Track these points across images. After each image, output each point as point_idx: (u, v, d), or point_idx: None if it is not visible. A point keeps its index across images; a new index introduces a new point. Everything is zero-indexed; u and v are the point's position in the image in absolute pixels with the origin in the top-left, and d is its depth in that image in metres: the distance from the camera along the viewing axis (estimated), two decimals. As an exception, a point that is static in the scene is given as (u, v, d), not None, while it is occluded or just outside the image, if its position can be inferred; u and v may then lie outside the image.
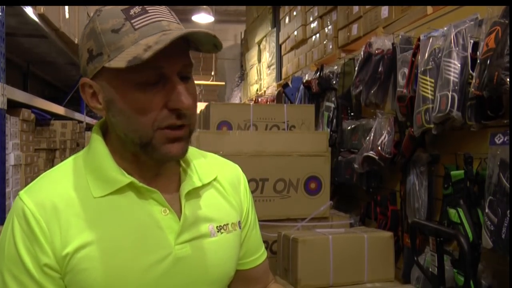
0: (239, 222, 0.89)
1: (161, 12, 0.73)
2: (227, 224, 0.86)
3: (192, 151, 0.89)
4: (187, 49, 0.75)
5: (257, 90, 6.56)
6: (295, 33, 4.56)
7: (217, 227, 0.84)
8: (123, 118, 0.75)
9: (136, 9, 0.72)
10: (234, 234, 0.87)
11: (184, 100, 0.72)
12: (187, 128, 0.76)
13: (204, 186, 0.85)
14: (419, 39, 2.02)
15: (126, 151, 0.79)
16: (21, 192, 0.76)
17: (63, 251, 0.72)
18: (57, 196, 0.75)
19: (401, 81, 2.18)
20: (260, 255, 0.98)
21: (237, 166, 0.97)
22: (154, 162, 0.80)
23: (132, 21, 0.71)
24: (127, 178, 0.77)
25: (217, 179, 0.89)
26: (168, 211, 0.79)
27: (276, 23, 5.67)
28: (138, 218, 0.77)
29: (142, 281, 0.75)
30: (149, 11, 0.72)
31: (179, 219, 0.79)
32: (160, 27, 0.71)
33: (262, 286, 1.00)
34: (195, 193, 0.84)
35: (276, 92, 4.87)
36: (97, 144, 0.80)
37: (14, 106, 2.17)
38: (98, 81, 0.75)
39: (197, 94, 0.79)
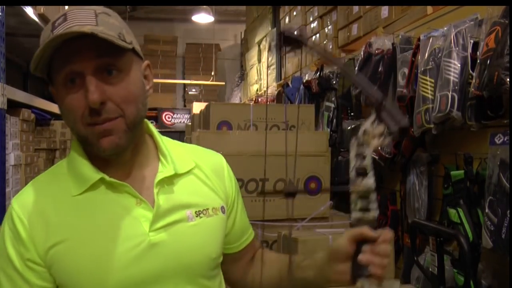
0: (222, 207, 0.92)
1: (79, 18, 0.77)
2: (207, 209, 0.89)
3: (171, 143, 0.94)
4: (110, 44, 0.76)
5: (257, 90, 6.55)
6: (295, 33, 4.56)
7: (195, 212, 0.87)
8: (64, 117, 0.82)
9: (60, 19, 0.77)
10: (215, 218, 0.90)
11: (89, 96, 0.75)
12: (119, 121, 0.79)
13: (181, 174, 0.89)
14: (419, 39, 2.02)
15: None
16: (13, 199, 0.85)
17: (45, 246, 0.80)
18: (40, 198, 0.83)
19: (401, 81, 2.18)
20: (248, 236, 1.02)
21: (220, 155, 1.00)
22: (118, 157, 0.84)
23: (53, 31, 0.76)
24: (98, 175, 0.83)
25: (197, 166, 0.92)
26: (141, 201, 0.83)
27: (276, 23, 5.67)
28: (112, 211, 0.82)
29: (117, 265, 0.80)
30: (68, 18, 0.77)
31: (153, 208, 0.83)
32: (65, 31, 0.75)
33: (251, 255, 1.03)
34: (170, 181, 0.87)
35: (276, 92, 4.88)
36: (74, 147, 0.87)
37: (14, 106, 2.17)
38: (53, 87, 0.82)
39: (135, 84, 0.81)
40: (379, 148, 2.27)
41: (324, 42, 3.80)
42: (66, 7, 2.84)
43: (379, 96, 0.69)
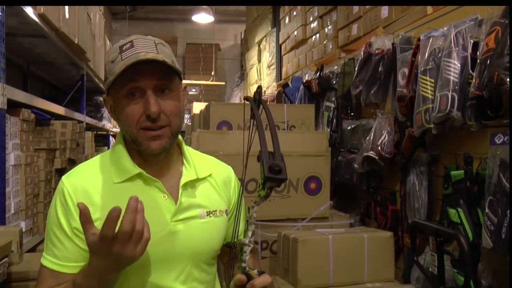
0: (226, 210, 1.14)
1: (144, 45, 1.00)
2: (216, 211, 1.11)
3: (194, 152, 1.18)
4: (165, 69, 0.99)
5: (257, 90, 6.55)
6: (295, 33, 4.56)
7: (207, 212, 1.09)
8: (120, 121, 1.04)
9: (127, 45, 1.00)
10: (221, 219, 1.11)
11: (151, 107, 0.98)
12: (167, 129, 1.02)
13: (200, 179, 1.11)
14: (419, 39, 2.02)
15: (135, 150, 1.06)
16: (63, 177, 1.06)
17: None
18: (87, 181, 1.04)
19: (401, 81, 2.18)
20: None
21: (230, 168, 1.22)
22: (154, 158, 1.06)
23: (122, 54, 0.99)
24: (137, 169, 1.04)
25: (212, 176, 1.15)
26: (166, 196, 1.05)
27: (276, 23, 5.67)
28: (143, 199, 0.96)
29: None
30: (135, 45, 0.99)
31: (176, 203, 1.04)
32: (137, 56, 0.97)
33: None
34: (192, 184, 1.09)
35: (276, 92, 4.88)
36: (119, 145, 1.09)
37: (14, 106, 2.17)
38: (109, 96, 1.05)
39: (180, 102, 1.05)
40: (379, 148, 2.28)
41: (324, 42, 3.80)
42: (66, 7, 2.84)
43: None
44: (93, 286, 0.94)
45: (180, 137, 1.13)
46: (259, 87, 1.02)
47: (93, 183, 1.04)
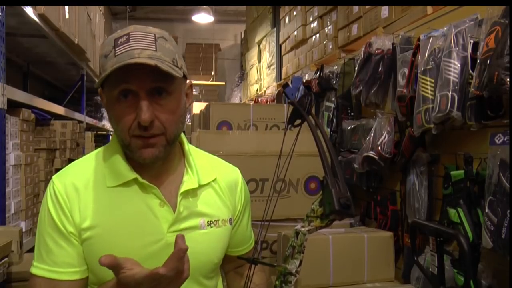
0: (230, 219, 1.05)
1: (141, 41, 0.87)
2: (218, 220, 1.01)
3: (198, 153, 1.07)
4: (161, 70, 0.85)
5: (257, 90, 6.56)
6: (295, 33, 4.56)
7: (208, 221, 0.99)
8: (111, 122, 0.94)
9: (123, 38, 0.88)
10: (223, 229, 1.02)
11: (142, 115, 0.86)
12: (161, 138, 0.90)
13: (201, 186, 1.00)
14: (419, 39, 2.02)
15: None
16: (54, 177, 0.98)
17: (81, 225, 0.92)
18: (79, 181, 0.95)
19: (401, 81, 2.18)
20: (246, 247, 1.16)
21: (237, 169, 1.11)
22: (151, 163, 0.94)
23: (116, 49, 0.87)
24: (133, 174, 0.94)
25: (216, 180, 1.04)
26: (164, 204, 0.95)
27: (276, 23, 5.67)
28: (138, 207, 0.94)
29: (137, 257, 0.87)
30: (131, 39, 0.87)
31: (174, 212, 0.95)
32: (131, 55, 0.85)
33: (243, 263, 1.17)
34: (193, 192, 0.99)
35: (276, 92, 4.88)
36: (114, 144, 0.99)
37: (14, 106, 2.17)
38: (103, 93, 0.95)
39: (179, 105, 0.93)
40: (379, 148, 2.27)
41: (324, 42, 3.80)
42: (66, 7, 2.84)
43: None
44: None
45: (183, 136, 1.03)
46: (310, 95, 0.88)
47: (85, 185, 0.95)
